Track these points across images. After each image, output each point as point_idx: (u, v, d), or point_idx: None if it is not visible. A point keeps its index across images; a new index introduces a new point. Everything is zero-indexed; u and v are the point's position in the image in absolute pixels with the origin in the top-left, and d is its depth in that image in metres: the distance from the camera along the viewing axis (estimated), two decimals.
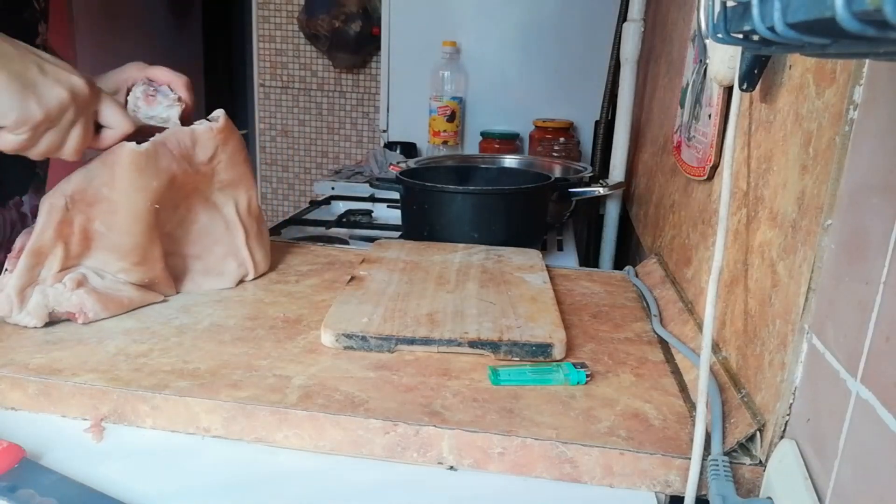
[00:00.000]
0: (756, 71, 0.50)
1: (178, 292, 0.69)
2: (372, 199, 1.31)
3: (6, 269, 0.57)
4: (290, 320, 0.64)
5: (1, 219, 0.67)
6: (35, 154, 0.55)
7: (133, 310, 0.64)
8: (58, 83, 0.53)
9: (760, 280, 0.49)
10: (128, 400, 0.50)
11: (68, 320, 0.60)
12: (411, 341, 0.58)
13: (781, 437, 0.42)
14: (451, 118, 1.64)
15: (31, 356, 0.54)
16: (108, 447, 0.48)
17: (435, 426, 0.47)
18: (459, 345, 0.58)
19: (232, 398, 0.49)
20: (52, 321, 0.59)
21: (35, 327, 0.58)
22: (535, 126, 1.61)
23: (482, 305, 0.65)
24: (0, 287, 0.56)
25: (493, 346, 0.57)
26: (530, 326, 0.60)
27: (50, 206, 0.57)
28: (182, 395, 0.49)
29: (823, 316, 0.39)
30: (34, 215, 0.70)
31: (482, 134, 1.66)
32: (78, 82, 0.54)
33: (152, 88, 0.66)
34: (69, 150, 0.56)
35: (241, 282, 0.74)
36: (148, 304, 0.65)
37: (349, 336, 0.58)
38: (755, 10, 0.22)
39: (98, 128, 0.59)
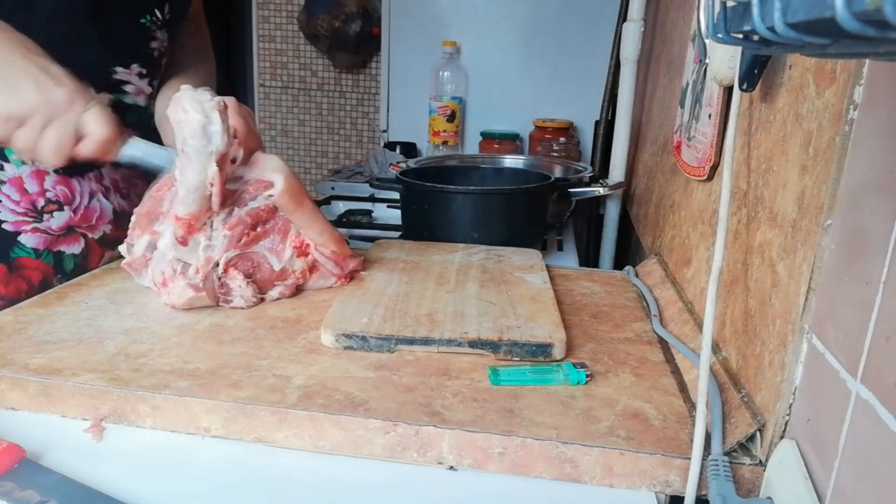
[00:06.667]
0: (756, 71, 0.50)
1: None
2: (372, 199, 1.31)
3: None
4: (290, 320, 0.64)
5: (79, 187, 0.74)
6: (16, 152, 0.62)
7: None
8: (35, 88, 0.59)
9: (760, 280, 0.49)
10: (128, 400, 0.50)
11: None
12: (411, 341, 0.58)
13: (781, 437, 0.42)
14: (451, 118, 1.64)
15: (31, 356, 0.54)
16: (108, 447, 0.48)
17: (435, 426, 0.47)
18: (459, 345, 0.58)
19: (232, 398, 0.49)
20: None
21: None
22: (535, 126, 1.61)
23: (482, 305, 0.65)
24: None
25: (493, 346, 0.57)
26: (530, 326, 0.60)
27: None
28: (182, 395, 0.49)
29: (823, 316, 0.39)
30: (115, 187, 0.78)
31: (482, 134, 1.66)
32: (54, 94, 0.59)
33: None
34: (45, 155, 0.61)
35: None
36: None
37: (349, 336, 0.58)
38: (755, 10, 0.22)
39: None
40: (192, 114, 0.61)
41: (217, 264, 0.65)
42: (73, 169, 0.72)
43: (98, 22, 0.70)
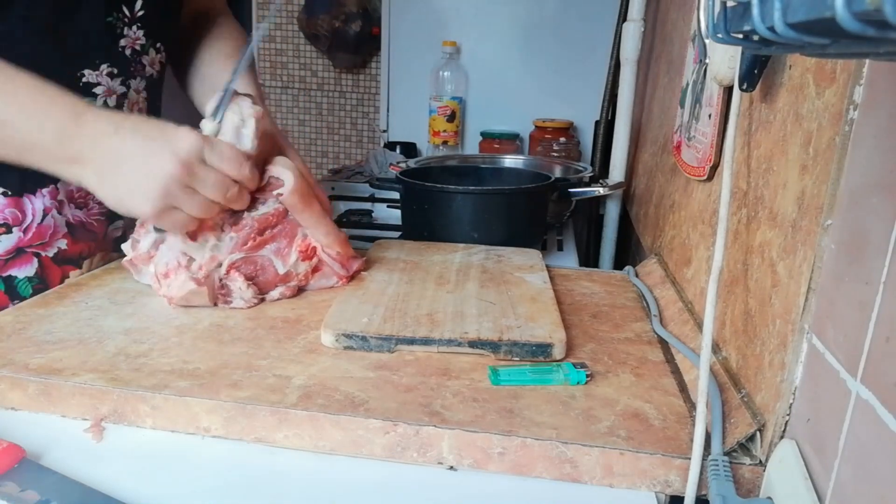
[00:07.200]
0: (756, 71, 0.50)
1: None
2: (372, 199, 1.31)
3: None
4: (290, 320, 0.64)
5: (30, 205, 0.71)
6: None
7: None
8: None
9: (760, 280, 0.49)
10: (128, 400, 0.50)
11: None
12: (411, 341, 0.58)
13: (781, 437, 0.42)
14: (451, 118, 1.64)
15: (31, 356, 0.54)
16: (108, 447, 0.48)
17: (435, 426, 0.47)
18: (459, 345, 0.58)
19: (232, 398, 0.49)
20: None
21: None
22: (535, 126, 1.61)
23: (482, 305, 0.65)
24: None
25: (493, 346, 0.57)
26: (530, 326, 0.60)
27: None
28: (182, 395, 0.49)
29: (823, 316, 0.39)
30: (70, 198, 0.75)
31: (482, 134, 1.66)
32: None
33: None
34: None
35: None
36: None
37: (349, 336, 0.58)
38: (755, 10, 0.22)
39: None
40: (229, 114, 0.65)
41: (220, 265, 0.66)
42: (26, 187, 0.70)
43: (61, 24, 0.67)
